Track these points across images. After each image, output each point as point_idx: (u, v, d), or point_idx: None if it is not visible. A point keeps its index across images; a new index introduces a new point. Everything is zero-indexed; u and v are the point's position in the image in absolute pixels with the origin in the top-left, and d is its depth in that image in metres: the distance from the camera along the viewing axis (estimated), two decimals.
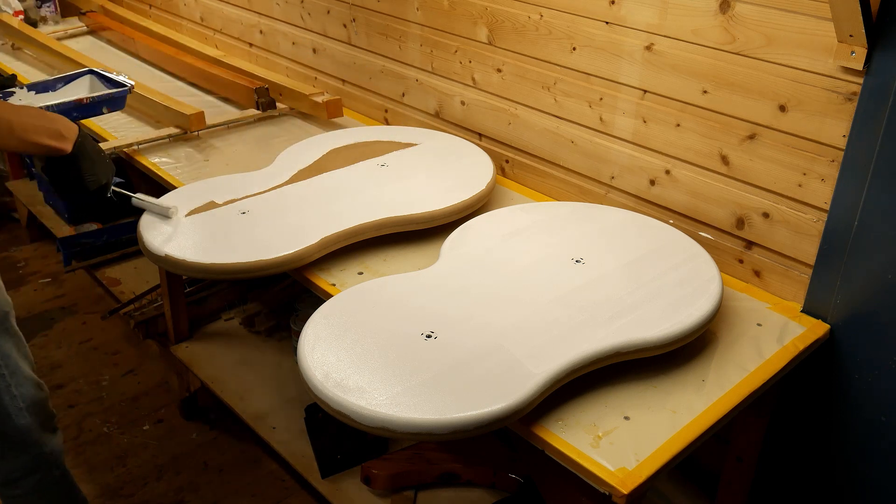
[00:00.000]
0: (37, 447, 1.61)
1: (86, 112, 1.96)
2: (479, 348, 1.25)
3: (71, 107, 1.93)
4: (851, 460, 1.49)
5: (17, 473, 1.60)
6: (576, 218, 1.64)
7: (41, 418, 1.61)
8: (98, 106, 1.98)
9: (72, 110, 1.92)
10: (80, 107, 1.95)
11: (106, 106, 2.00)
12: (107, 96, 1.99)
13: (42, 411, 1.62)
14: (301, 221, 1.60)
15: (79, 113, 1.95)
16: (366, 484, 1.80)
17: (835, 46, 1.31)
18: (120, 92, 2.02)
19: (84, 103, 1.95)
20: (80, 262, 2.69)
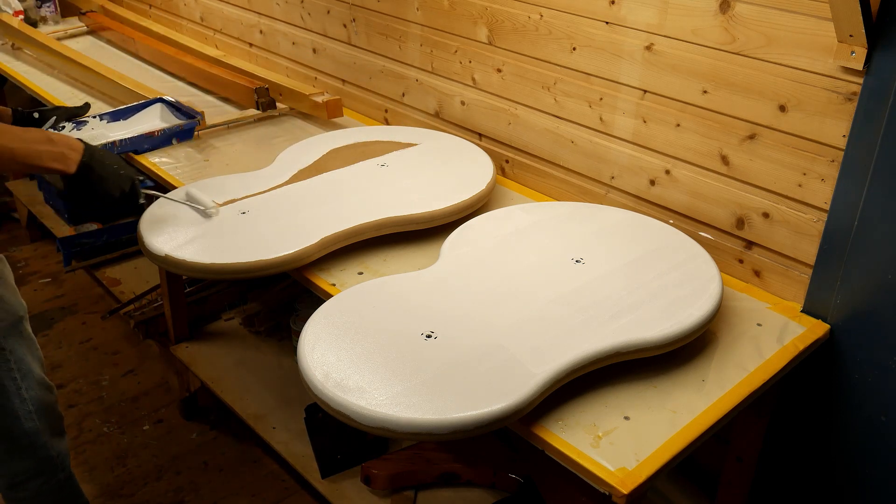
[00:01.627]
0: (44, 450, 1.61)
1: (156, 143, 2.04)
2: (479, 348, 1.25)
3: (142, 139, 2.00)
4: (851, 460, 1.49)
5: (22, 476, 1.60)
6: (576, 218, 1.64)
7: (49, 421, 1.62)
8: (168, 138, 2.05)
9: (143, 142, 2.00)
10: (150, 139, 2.02)
11: (176, 137, 2.07)
12: (177, 128, 2.06)
13: (51, 415, 1.62)
14: (301, 221, 1.60)
15: (149, 145, 2.02)
16: (366, 484, 1.80)
17: (835, 46, 1.31)
18: (189, 123, 2.09)
19: (155, 136, 2.01)
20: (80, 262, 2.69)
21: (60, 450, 1.65)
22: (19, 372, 1.54)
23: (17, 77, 2.62)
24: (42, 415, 1.59)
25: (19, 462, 1.59)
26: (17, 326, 1.53)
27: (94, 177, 1.46)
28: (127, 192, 1.52)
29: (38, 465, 1.61)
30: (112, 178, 1.49)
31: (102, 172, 1.48)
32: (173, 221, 1.61)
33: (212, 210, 1.63)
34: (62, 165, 1.42)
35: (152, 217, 1.63)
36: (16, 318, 1.53)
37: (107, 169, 1.49)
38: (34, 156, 1.39)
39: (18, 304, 1.54)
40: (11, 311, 1.52)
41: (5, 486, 1.61)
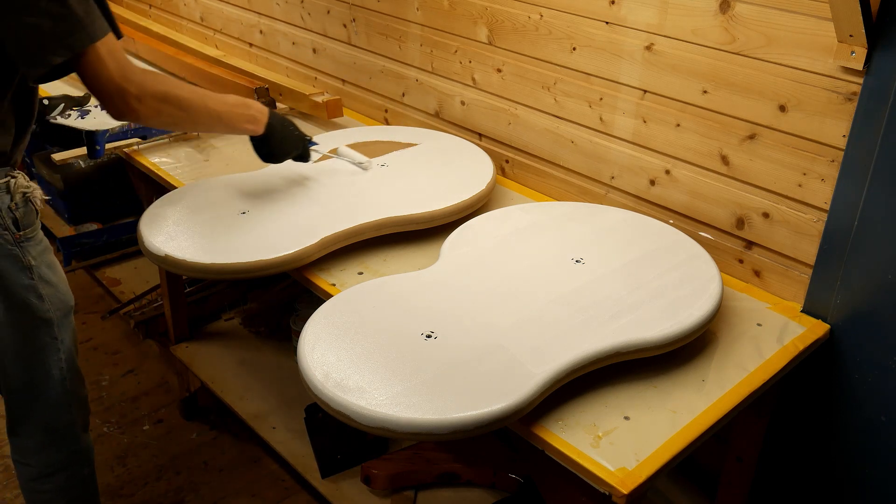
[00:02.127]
0: (76, 443, 1.62)
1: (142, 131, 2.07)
2: (479, 348, 1.25)
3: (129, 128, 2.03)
4: (851, 460, 1.49)
5: (51, 468, 1.61)
6: (576, 218, 1.64)
7: (82, 414, 1.63)
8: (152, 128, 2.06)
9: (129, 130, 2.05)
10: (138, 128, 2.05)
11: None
12: None
13: (83, 407, 1.63)
14: (301, 221, 1.60)
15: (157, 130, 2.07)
16: (366, 484, 1.80)
17: (835, 46, 1.31)
18: None
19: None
20: (80, 262, 2.69)
21: (88, 444, 1.67)
22: (67, 363, 1.55)
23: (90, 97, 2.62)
24: (78, 407, 1.61)
25: (53, 453, 1.60)
26: (68, 316, 1.55)
27: (277, 137, 1.64)
28: (300, 152, 1.71)
29: (68, 457, 1.62)
30: (290, 138, 1.67)
31: (283, 133, 1.66)
32: (173, 221, 1.61)
33: (366, 163, 1.81)
34: (254, 126, 1.59)
35: (152, 217, 1.63)
36: (67, 307, 1.55)
37: (286, 131, 1.67)
38: (236, 118, 1.56)
39: (69, 293, 1.56)
40: (65, 300, 1.54)
41: (32, 476, 1.61)
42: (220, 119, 1.53)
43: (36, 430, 1.57)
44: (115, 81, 1.31)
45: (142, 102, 1.35)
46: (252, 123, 1.58)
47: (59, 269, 1.54)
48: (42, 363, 1.52)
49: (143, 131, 2.08)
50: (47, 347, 1.52)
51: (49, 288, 1.49)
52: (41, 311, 1.48)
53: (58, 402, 1.57)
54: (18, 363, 1.50)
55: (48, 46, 1.25)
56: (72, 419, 1.60)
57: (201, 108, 1.49)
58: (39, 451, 1.59)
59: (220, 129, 1.64)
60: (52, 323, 1.51)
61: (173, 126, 1.59)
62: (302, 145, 1.71)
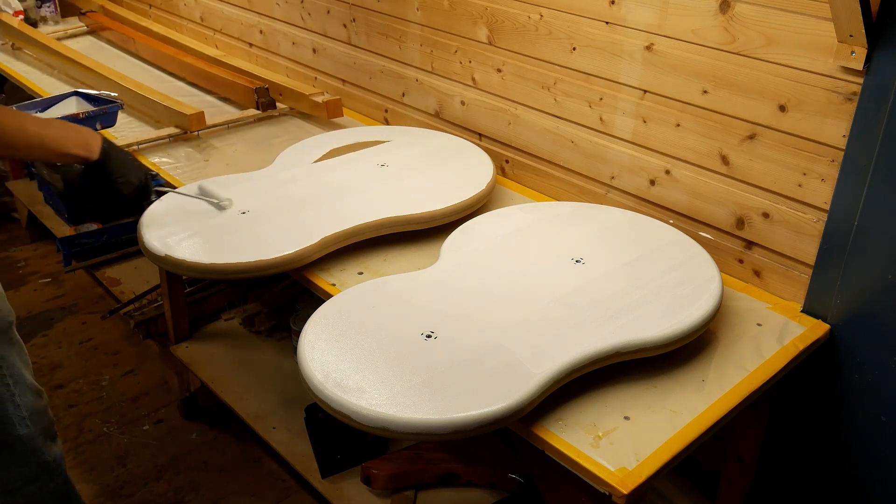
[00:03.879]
0: (39, 455, 1.60)
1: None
2: (479, 348, 1.25)
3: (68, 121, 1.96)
4: (851, 460, 1.49)
5: (18, 482, 1.59)
6: (576, 218, 1.64)
7: (42, 426, 1.61)
8: (92, 121, 2.04)
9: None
10: (75, 121, 1.99)
11: (99, 121, 2.08)
12: (100, 111, 2.07)
13: (43, 419, 1.61)
14: (301, 221, 1.60)
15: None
16: (366, 484, 1.80)
17: (835, 46, 1.31)
18: (112, 107, 2.10)
19: (80, 118, 2.00)
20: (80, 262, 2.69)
21: (55, 454, 1.64)
22: (11, 378, 1.53)
23: (17, 77, 2.62)
24: (35, 420, 1.58)
25: (15, 469, 1.58)
26: (7, 332, 1.52)
27: (113, 165, 1.49)
28: (139, 186, 1.55)
29: (33, 470, 1.60)
30: (129, 168, 1.53)
31: (120, 161, 1.51)
32: (174, 221, 1.61)
33: (225, 202, 1.65)
34: (85, 151, 1.45)
35: (152, 216, 1.63)
36: (6, 323, 1.52)
37: (124, 159, 1.53)
38: (62, 142, 1.42)
39: (7, 309, 1.52)
40: (1, 316, 1.51)
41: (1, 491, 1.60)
42: (43, 142, 1.40)
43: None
44: None
45: None
46: (83, 148, 1.45)
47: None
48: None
49: None
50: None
51: None
52: None
53: (10, 419, 1.54)
54: None
55: None
56: (30, 433, 1.58)
57: (15, 131, 1.36)
58: (1, 468, 1.58)
59: (44, 154, 1.46)
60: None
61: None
62: (143, 177, 1.58)
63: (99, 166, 1.48)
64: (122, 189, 1.53)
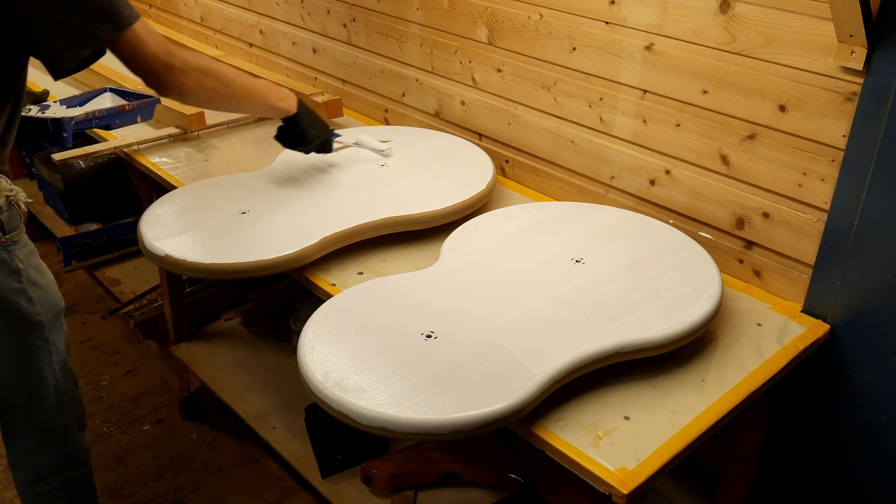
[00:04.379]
0: (72, 444, 1.62)
1: (125, 119, 2.15)
2: (479, 348, 1.25)
3: (114, 113, 2.10)
4: (851, 460, 1.49)
5: (48, 470, 1.60)
6: (576, 218, 1.64)
7: (77, 415, 1.63)
8: (134, 114, 2.16)
9: (115, 117, 2.10)
10: (121, 114, 2.11)
11: (140, 115, 2.18)
12: (142, 104, 2.15)
13: (78, 408, 1.63)
14: (301, 221, 1.60)
15: (120, 120, 2.11)
16: (366, 484, 1.80)
17: (835, 46, 1.31)
18: (151, 101, 2.17)
19: (125, 110, 2.10)
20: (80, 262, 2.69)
21: (84, 445, 1.66)
22: (59, 364, 1.55)
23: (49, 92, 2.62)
24: (72, 408, 1.60)
25: (49, 455, 1.60)
26: (58, 319, 1.55)
27: (306, 120, 1.69)
28: (325, 139, 1.75)
29: (64, 458, 1.61)
30: (318, 123, 1.74)
31: (311, 117, 1.72)
32: (174, 221, 1.61)
33: (386, 150, 1.86)
34: (287, 105, 1.64)
35: (152, 217, 1.63)
36: (58, 310, 1.55)
37: (314, 116, 1.73)
38: (271, 95, 1.61)
39: (59, 296, 1.56)
40: (55, 302, 1.54)
41: (29, 480, 1.61)
42: (257, 95, 1.59)
43: (31, 433, 1.57)
44: (159, 59, 1.38)
45: (186, 76, 1.41)
46: (285, 102, 1.64)
47: (47, 271, 1.53)
48: (35, 367, 1.51)
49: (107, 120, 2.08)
50: (39, 351, 1.51)
51: (38, 291, 1.48)
52: (32, 315, 1.47)
53: (52, 405, 1.56)
54: (11, 368, 1.49)
55: (78, 41, 1.29)
56: (67, 421, 1.59)
57: (239, 83, 1.54)
58: (36, 455, 1.59)
59: (256, 105, 1.64)
60: (44, 326, 1.50)
61: (214, 101, 1.58)
62: (327, 133, 1.76)
63: (296, 120, 1.67)
64: (312, 140, 1.71)
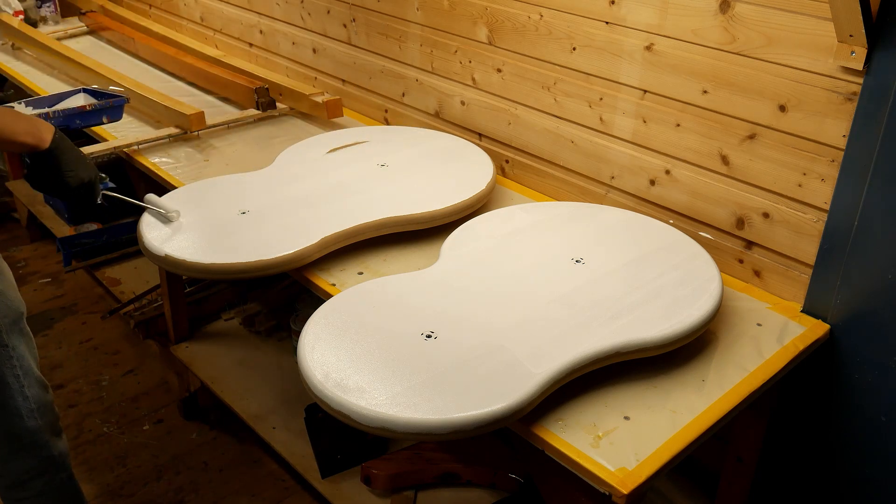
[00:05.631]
0: (46, 449, 1.61)
1: (87, 120, 2.04)
2: (479, 348, 1.25)
3: (75, 113, 1.98)
4: (852, 460, 1.49)
5: (25, 476, 1.60)
6: (576, 218, 1.64)
7: (49, 420, 1.62)
8: (99, 115, 2.05)
9: (75, 117, 1.99)
10: (82, 114, 2.01)
11: (106, 115, 2.07)
12: (107, 104, 2.06)
13: (50, 413, 1.62)
14: (301, 221, 1.60)
15: (81, 120, 2.01)
16: (366, 484, 1.80)
17: (835, 46, 1.31)
18: (118, 101, 2.08)
19: (87, 110, 2.01)
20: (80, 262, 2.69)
21: (61, 449, 1.65)
22: (21, 369, 1.54)
23: (17, 77, 2.62)
24: (42, 413, 1.59)
25: (23, 461, 1.59)
26: (17, 323, 1.53)
27: (63, 158, 1.46)
28: (87, 183, 1.51)
29: (40, 464, 1.61)
30: (79, 163, 1.49)
31: (70, 155, 1.48)
32: (174, 221, 1.61)
33: (173, 214, 1.62)
34: (36, 140, 1.42)
35: (153, 217, 1.63)
36: (17, 314, 1.53)
37: (74, 153, 1.49)
38: (10, 130, 1.40)
39: (19, 300, 1.54)
40: (13, 307, 1.52)
41: (6, 486, 1.61)
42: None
43: (1, 440, 1.56)
44: None
45: None
46: (33, 137, 1.42)
47: (7, 275, 1.51)
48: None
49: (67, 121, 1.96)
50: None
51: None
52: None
53: (19, 411, 1.55)
54: None
55: None
56: (37, 426, 1.59)
57: None
58: (9, 461, 1.58)
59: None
60: (0, 332, 1.49)
61: None
62: (92, 176, 1.53)
63: (48, 157, 1.45)
64: (70, 182, 1.48)
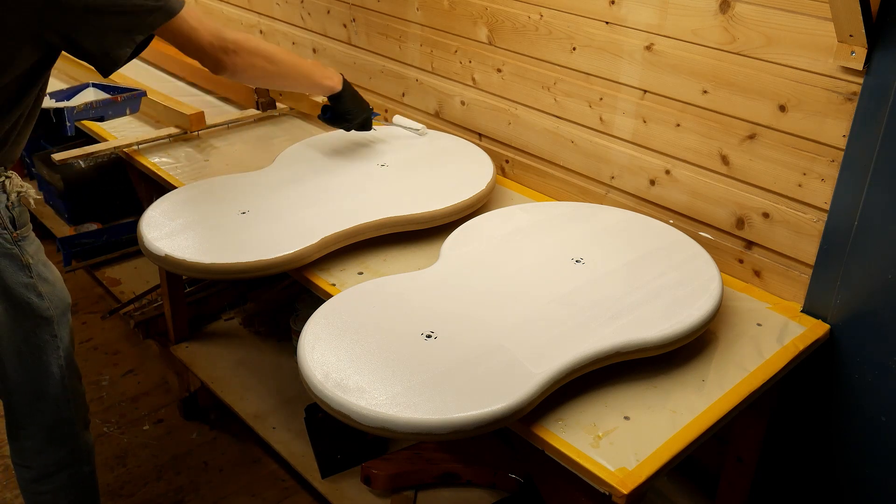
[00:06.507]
0: (76, 441, 1.63)
1: (116, 111, 2.20)
2: (479, 348, 1.25)
3: (108, 104, 2.12)
4: (851, 460, 1.49)
5: (52, 468, 1.61)
6: (576, 218, 1.64)
7: (82, 411, 1.63)
8: (124, 106, 2.17)
9: (108, 108, 2.13)
10: (113, 105, 2.14)
11: (129, 107, 2.21)
12: (131, 96, 2.18)
13: (82, 404, 1.64)
14: (301, 221, 1.60)
15: (113, 111, 2.14)
16: (366, 484, 1.80)
17: (835, 46, 1.31)
18: (139, 93, 2.21)
19: (118, 102, 2.12)
20: (80, 262, 2.69)
21: (88, 442, 1.67)
22: (66, 360, 1.56)
23: None
24: (76, 404, 1.61)
25: (54, 452, 1.60)
26: (66, 314, 1.56)
27: (351, 97, 1.80)
28: (365, 118, 1.85)
29: (68, 455, 1.62)
30: (360, 102, 1.84)
31: (355, 94, 1.82)
32: (174, 221, 1.61)
33: (421, 130, 1.97)
34: (332, 83, 1.75)
35: (152, 217, 1.63)
36: (66, 305, 1.55)
37: (356, 95, 1.83)
38: (318, 72, 1.72)
39: (66, 291, 1.57)
40: (63, 297, 1.54)
41: (33, 477, 1.61)
42: (304, 73, 1.68)
43: (38, 429, 1.58)
44: (213, 44, 1.47)
45: (238, 56, 1.51)
46: (331, 80, 1.74)
47: (53, 267, 1.54)
48: (42, 361, 1.52)
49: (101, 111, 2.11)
50: (47, 346, 1.52)
51: (47, 286, 1.49)
52: (41, 310, 1.48)
53: (58, 400, 1.57)
54: (19, 362, 1.50)
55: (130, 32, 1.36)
56: (71, 417, 1.60)
57: (288, 62, 1.63)
58: (40, 452, 1.60)
59: (303, 83, 1.73)
60: (52, 321, 1.51)
61: (263, 80, 1.64)
62: (367, 111, 1.86)
63: (340, 98, 1.78)
64: (354, 118, 1.82)
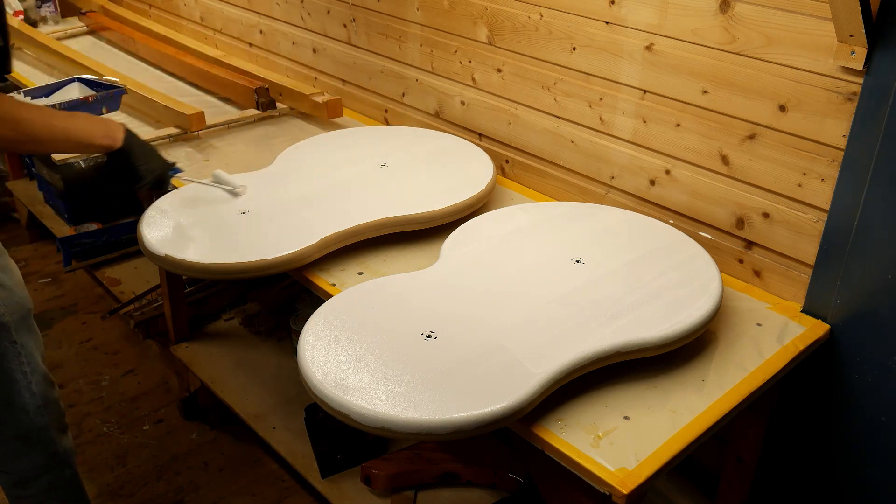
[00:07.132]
0: (52, 446, 1.62)
1: (89, 110, 2.03)
2: (479, 348, 1.25)
3: (77, 104, 1.98)
4: (851, 460, 1.49)
5: (30, 473, 1.60)
6: (576, 218, 1.64)
7: (55, 416, 1.62)
8: (99, 105, 2.03)
9: (77, 108, 1.99)
10: (84, 104, 2.02)
11: (105, 105, 2.06)
12: (107, 95, 2.06)
13: (55, 409, 1.63)
14: (301, 221, 1.60)
15: (84, 111, 2.02)
16: (366, 484, 1.80)
17: (835, 46, 1.31)
18: (117, 91, 2.10)
19: (89, 102, 2.03)
20: (80, 262, 2.69)
21: (66, 446, 1.66)
22: (29, 366, 1.54)
23: (17, 77, 2.62)
24: (49, 410, 1.60)
25: (30, 458, 1.59)
26: (26, 320, 1.54)
27: (136, 154, 1.56)
28: (160, 175, 1.61)
29: (46, 461, 1.61)
30: (151, 157, 1.60)
31: (144, 150, 1.59)
32: (173, 221, 1.61)
33: (240, 189, 1.71)
34: (110, 141, 1.52)
35: (152, 217, 1.63)
36: (25, 310, 1.54)
37: (148, 149, 1.60)
38: (87, 133, 1.48)
39: (26, 297, 1.55)
40: (21, 303, 1.53)
41: (12, 483, 1.61)
42: (68, 135, 1.46)
43: (9, 437, 1.57)
44: None
45: None
46: (107, 138, 1.51)
47: (15, 272, 1.52)
48: (4, 369, 1.51)
49: None
50: (7, 353, 1.50)
51: (3, 292, 1.47)
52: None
53: (27, 408, 1.56)
54: None
55: None
56: (45, 423, 1.59)
57: (42, 126, 1.41)
58: (16, 458, 1.59)
59: (70, 146, 1.53)
60: (9, 327, 1.49)
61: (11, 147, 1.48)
62: (162, 168, 1.63)
63: (122, 155, 1.54)
64: (144, 176, 1.58)
